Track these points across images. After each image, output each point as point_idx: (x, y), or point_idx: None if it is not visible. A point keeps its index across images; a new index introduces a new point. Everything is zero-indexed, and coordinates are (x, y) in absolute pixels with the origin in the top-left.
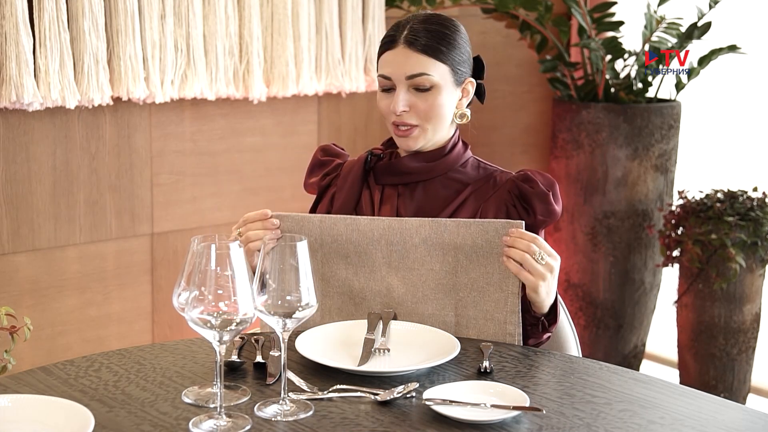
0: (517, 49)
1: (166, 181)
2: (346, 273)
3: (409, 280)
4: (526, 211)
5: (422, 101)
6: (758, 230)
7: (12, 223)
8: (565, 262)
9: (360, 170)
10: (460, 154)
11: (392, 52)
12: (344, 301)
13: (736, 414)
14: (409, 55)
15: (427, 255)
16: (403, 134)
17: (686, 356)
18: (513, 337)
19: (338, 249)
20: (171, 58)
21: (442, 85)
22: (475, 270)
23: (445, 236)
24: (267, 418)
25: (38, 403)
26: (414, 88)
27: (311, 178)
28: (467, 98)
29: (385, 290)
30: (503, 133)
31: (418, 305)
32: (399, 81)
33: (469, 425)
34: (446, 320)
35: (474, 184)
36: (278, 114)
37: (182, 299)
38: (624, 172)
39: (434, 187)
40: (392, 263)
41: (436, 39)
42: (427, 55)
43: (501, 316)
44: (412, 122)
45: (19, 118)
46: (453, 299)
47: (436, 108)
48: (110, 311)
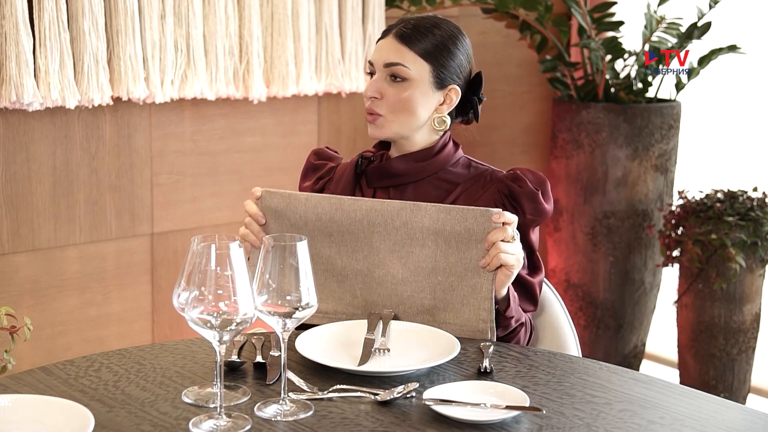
0: (517, 49)
1: (166, 181)
2: (329, 251)
3: (389, 262)
4: (515, 210)
5: (394, 91)
6: (758, 230)
7: (12, 223)
8: (565, 262)
9: (351, 174)
10: (450, 154)
11: (382, 41)
12: (327, 278)
13: (736, 414)
14: (394, 45)
15: (407, 238)
16: (369, 120)
17: (686, 356)
18: (486, 323)
19: (322, 227)
20: (171, 58)
21: (417, 81)
22: (453, 255)
23: (425, 221)
24: (267, 418)
25: (38, 403)
26: (390, 77)
27: (305, 182)
28: (449, 105)
29: (365, 270)
30: (503, 133)
31: (397, 287)
32: (378, 68)
33: (469, 425)
34: (423, 303)
35: (464, 184)
36: (278, 114)
37: (182, 299)
38: (624, 172)
39: (425, 188)
40: (373, 244)
41: (426, 38)
42: (408, 47)
43: (476, 302)
44: (379, 111)
45: (19, 118)
46: (431, 282)
47: (405, 101)
48: (110, 311)
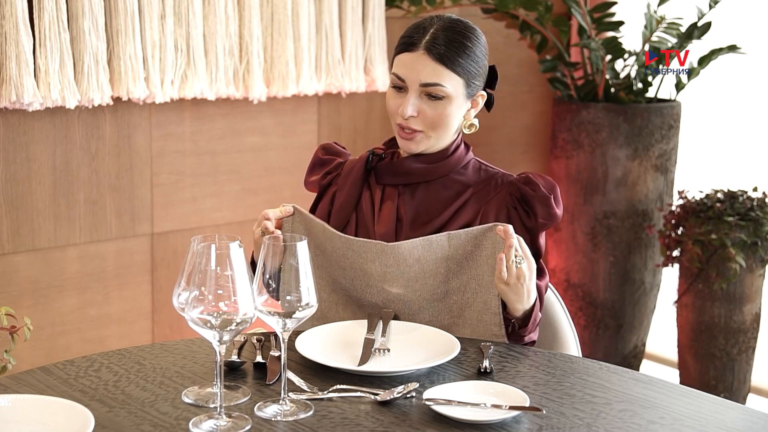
0: (517, 49)
1: (166, 181)
2: (344, 282)
3: (404, 295)
4: (527, 213)
5: (431, 109)
6: (758, 230)
7: (12, 223)
8: (565, 262)
9: (361, 169)
10: (462, 156)
11: (410, 55)
12: (347, 306)
13: (736, 414)
14: (427, 63)
15: (421, 272)
16: (406, 137)
17: (686, 356)
18: (498, 338)
19: (337, 260)
20: (171, 58)
21: (453, 97)
22: (465, 273)
23: (438, 253)
24: (267, 418)
25: (38, 403)
26: (426, 95)
27: (312, 176)
28: (476, 109)
29: (381, 303)
30: (503, 133)
31: (414, 316)
32: (412, 85)
33: (469, 425)
34: (442, 323)
35: (475, 186)
36: (278, 114)
37: (182, 299)
38: (624, 172)
39: (435, 189)
40: (387, 280)
41: (456, 50)
42: (444, 65)
43: (488, 317)
44: (417, 128)
45: (19, 118)
46: (447, 304)
47: (444, 118)
48: (110, 311)
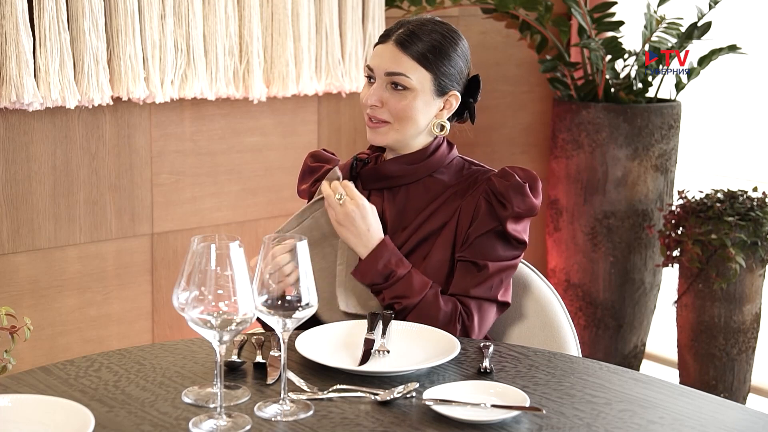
0: (517, 49)
1: (166, 181)
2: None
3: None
4: (502, 205)
5: (395, 100)
6: (758, 230)
7: (12, 223)
8: (565, 262)
9: (347, 176)
10: (443, 156)
11: (382, 46)
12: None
13: (736, 414)
14: (395, 54)
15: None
16: (372, 126)
17: (686, 356)
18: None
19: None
20: (171, 58)
21: (418, 90)
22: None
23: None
24: (267, 418)
25: (38, 403)
26: (391, 85)
27: (302, 184)
28: (449, 110)
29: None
30: (503, 133)
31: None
32: (379, 75)
33: (469, 425)
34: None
35: (455, 186)
36: (278, 114)
37: (182, 299)
38: (624, 172)
39: (416, 191)
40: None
41: (426, 45)
42: (411, 57)
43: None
44: (383, 117)
45: (19, 118)
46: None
47: (407, 110)
48: (110, 311)
